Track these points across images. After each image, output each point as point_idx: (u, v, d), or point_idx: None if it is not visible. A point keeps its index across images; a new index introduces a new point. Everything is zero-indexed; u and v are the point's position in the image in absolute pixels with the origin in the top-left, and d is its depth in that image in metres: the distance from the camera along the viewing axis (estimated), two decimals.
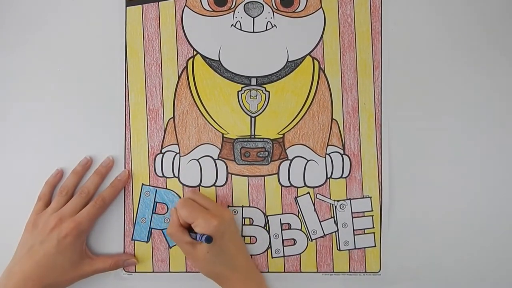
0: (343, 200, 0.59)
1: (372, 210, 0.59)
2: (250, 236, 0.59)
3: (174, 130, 0.59)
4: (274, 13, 0.58)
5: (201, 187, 0.59)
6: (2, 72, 0.58)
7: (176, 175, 0.59)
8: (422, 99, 0.59)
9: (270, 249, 0.59)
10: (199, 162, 0.58)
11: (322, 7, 0.58)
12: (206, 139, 0.59)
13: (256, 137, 0.59)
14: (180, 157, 0.59)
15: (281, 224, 0.59)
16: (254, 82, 0.58)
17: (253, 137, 0.59)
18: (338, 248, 0.59)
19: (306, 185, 0.59)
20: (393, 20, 0.59)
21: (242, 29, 0.58)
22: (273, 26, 0.58)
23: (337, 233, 0.59)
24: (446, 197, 0.59)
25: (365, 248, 0.59)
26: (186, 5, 0.58)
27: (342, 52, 0.59)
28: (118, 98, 0.58)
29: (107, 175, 0.58)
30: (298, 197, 0.59)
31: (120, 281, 0.59)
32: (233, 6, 0.58)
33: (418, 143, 0.59)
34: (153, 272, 0.59)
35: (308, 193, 0.59)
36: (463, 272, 0.60)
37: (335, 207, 0.59)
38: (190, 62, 0.59)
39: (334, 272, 0.59)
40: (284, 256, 0.59)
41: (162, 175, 0.59)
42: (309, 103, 0.59)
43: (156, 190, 0.59)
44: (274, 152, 0.59)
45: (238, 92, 0.58)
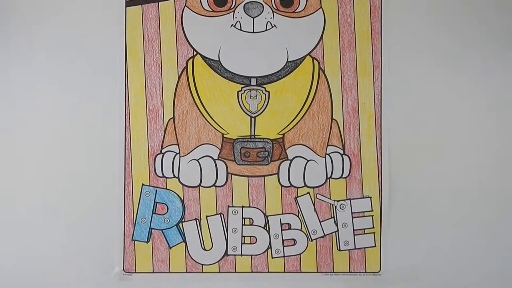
0: (343, 200, 0.59)
1: (372, 210, 0.59)
2: (250, 236, 0.59)
3: (174, 130, 0.59)
4: (274, 13, 0.58)
5: (201, 187, 0.59)
6: (2, 72, 0.59)
7: (176, 175, 0.59)
8: (422, 99, 0.59)
9: (270, 249, 0.59)
10: (199, 162, 0.58)
11: (322, 7, 0.58)
12: (206, 139, 0.59)
13: (256, 137, 0.59)
14: (180, 157, 0.59)
15: (281, 224, 0.59)
16: (254, 82, 0.58)
17: (253, 137, 0.59)
18: (338, 248, 0.59)
19: (306, 185, 0.59)
20: (393, 20, 0.59)
21: (242, 29, 0.58)
22: (273, 26, 0.58)
23: (337, 233, 0.59)
24: (446, 197, 0.59)
25: (365, 248, 0.59)
26: (186, 5, 0.58)
27: (342, 52, 0.59)
28: (118, 98, 0.58)
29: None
30: (298, 197, 0.59)
31: (120, 281, 0.59)
32: (233, 6, 0.58)
33: (418, 143, 0.59)
34: (153, 272, 0.59)
35: (308, 193, 0.59)
36: (463, 272, 0.60)
37: (335, 207, 0.59)
38: (190, 62, 0.59)
39: (334, 272, 0.59)
40: (284, 256, 0.59)
41: (162, 175, 0.59)
42: (309, 103, 0.59)
43: (156, 190, 0.59)
44: (274, 152, 0.59)
45: (238, 92, 0.58)
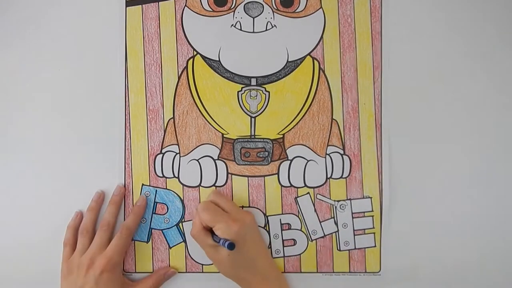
0: (343, 200, 0.59)
1: (372, 210, 0.59)
2: None
3: (174, 130, 0.59)
4: (274, 13, 0.58)
5: (201, 187, 0.59)
6: (2, 72, 0.58)
7: (176, 175, 0.59)
8: (422, 99, 0.59)
9: (270, 249, 0.59)
10: (199, 162, 0.58)
11: (322, 7, 0.58)
12: (206, 139, 0.59)
13: (256, 137, 0.59)
14: (180, 157, 0.59)
15: (281, 224, 0.59)
16: (254, 82, 0.58)
17: (253, 137, 0.59)
18: (338, 248, 0.59)
19: (306, 185, 0.59)
20: (393, 20, 0.59)
21: (242, 29, 0.58)
22: (273, 26, 0.58)
23: (337, 233, 0.59)
24: (446, 197, 0.59)
25: (365, 248, 0.59)
26: (186, 5, 0.58)
27: (342, 52, 0.59)
28: (118, 98, 0.58)
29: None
30: (298, 197, 0.59)
31: None
32: (233, 6, 0.58)
33: (418, 143, 0.59)
34: (153, 272, 0.59)
35: (308, 193, 0.59)
36: (463, 272, 0.60)
37: (335, 207, 0.59)
38: (190, 62, 0.59)
39: (334, 272, 0.59)
40: (284, 256, 0.59)
41: (162, 175, 0.59)
42: (309, 103, 0.59)
43: (156, 190, 0.59)
44: (274, 152, 0.59)
45: (238, 92, 0.58)
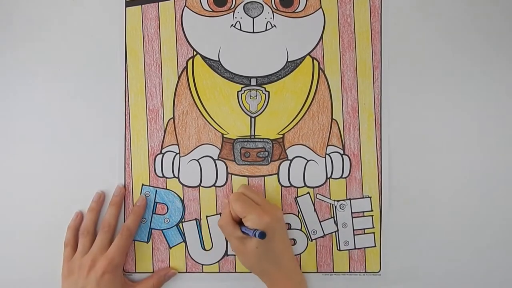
0: (343, 200, 0.59)
1: (372, 210, 0.59)
2: None
3: (174, 131, 0.59)
4: (274, 13, 0.58)
5: (201, 187, 0.59)
6: (2, 72, 0.59)
7: (176, 176, 0.59)
8: (422, 99, 0.59)
9: None
10: (199, 163, 0.58)
11: (321, 7, 0.58)
12: (206, 139, 0.59)
13: (256, 137, 0.59)
14: (180, 157, 0.59)
15: None
16: (254, 82, 0.58)
17: (253, 137, 0.59)
18: (338, 248, 0.59)
19: (306, 185, 0.59)
20: (393, 20, 0.59)
21: (242, 29, 0.58)
22: (272, 26, 0.58)
23: (337, 233, 0.59)
24: (446, 197, 0.59)
25: (365, 248, 0.59)
26: (185, 5, 0.58)
27: (342, 52, 0.59)
28: (118, 98, 0.58)
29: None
30: (298, 197, 0.59)
31: None
32: (232, 7, 0.58)
33: (418, 143, 0.59)
34: (153, 272, 0.59)
35: (308, 193, 0.59)
36: (463, 272, 0.60)
37: (335, 207, 0.59)
38: (190, 62, 0.59)
39: (334, 272, 0.59)
40: None
41: (162, 176, 0.59)
42: (309, 103, 0.59)
43: (156, 191, 0.59)
44: (274, 152, 0.59)
45: (238, 92, 0.58)
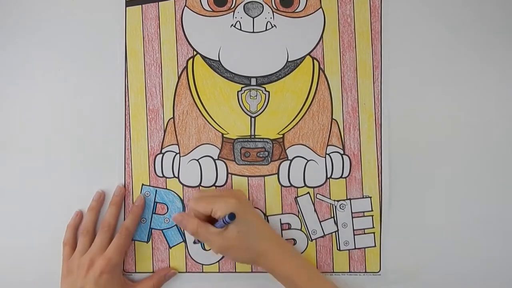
0: (343, 200, 0.59)
1: (372, 210, 0.59)
2: None
3: (174, 130, 0.59)
4: (274, 13, 0.58)
5: (201, 187, 0.59)
6: (2, 72, 0.59)
7: (176, 175, 0.59)
8: (422, 99, 0.59)
9: None
10: (199, 162, 0.58)
11: (321, 7, 0.58)
12: (206, 139, 0.59)
13: (256, 137, 0.59)
14: (180, 157, 0.59)
15: (281, 224, 0.59)
16: (254, 82, 0.58)
17: (253, 137, 0.59)
18: (338, 248, 0.59)
19: (306, 185, 0.59)
20: (393, 20, 0.59)
21: (242, 29, 0.58)
22: (273, 26, 0.58)
23: (337, 233, 0.59)
24: (446, 197, 0.59)
25: (365, 248, 0.59)
26: (186, 5, 0.58)
27: (342, 52, 0.59)
28: (118, 98, 0.58)
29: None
30: (298, 197, 0.59)
31: None
32: (232, 6, 0.58)
33: (418, 143, 0.59)
34: (153, 272, 0.59)
35: (308, 193, 0.59)
36: (463, 272, 0.60)
37: (335, 207, 0.59)
38: (190, 62, 0.59)
39: (334, 272, 0.59)
40: None
41: (162, 175, 0.59)
42: (309, 103, 0.59)
43: (156, 190, 0.59)
44: (274, 152, 0.59)
45: (238, 92, 0.58)
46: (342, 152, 0.59)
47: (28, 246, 0.58)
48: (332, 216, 0.59)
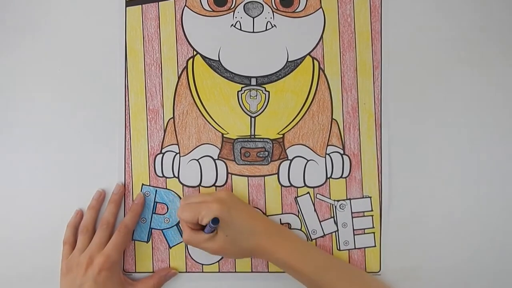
0: (343, 200, 0.59)
1: (372, 210, 0.59)
2: None
3: (174, 130, 0.59)
4: (274, 13, 0.58)
5: (201, 187, 0.59)
6: (2, 72, 0.59)
7: (176, 175, 0.59)
8: (422, 99, 0.59)
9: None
10: (199, 162, 0.59)
11: (322, 7, 0.58)
12: (206, 139, 0.59)
13: (256, 137, 0.59)
14: (180, 157, 0.59)
15: (281, 224, 0.59)
16: (254, 82, 0.58)
17: (253, 137, 0.59)
18: (338, 248, 0.59)
19: (306, 185, 0.59)
20: (393, 20, 0.59)
21: (242, 29, 0.58)
22: (273, 26, 0.58)
23: (337, 233, 0.59)
24: (446, 197, 0.59)
25: (365, 248, 0.59)
26: (186, 5, 0.58)
27: (342, 52, 0.59)
28: (118, 98, 0.58)
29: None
30: (298, 197, 0.59)
31: None
32: (233, 6, 0.58)
33: (418, 143, 0.59)
34: (153, 272, 0.59)
35: (308, 193, 0.59)
36: (463, 272, 0.60)
37: (335, 207, 0.59)
38: (190, 62, 0.59)
39: None
40: None
41: (162, 175, 0.59)
42: (309, 103, 0.59)
43: (156, 190, 0.59)
44: (274, 152, 0.59)
45: (238, 92, 0.59)
46: (342, 152, 0.59)
47: (28, 244, 0.58)
48: (332, 216, 0.59)
